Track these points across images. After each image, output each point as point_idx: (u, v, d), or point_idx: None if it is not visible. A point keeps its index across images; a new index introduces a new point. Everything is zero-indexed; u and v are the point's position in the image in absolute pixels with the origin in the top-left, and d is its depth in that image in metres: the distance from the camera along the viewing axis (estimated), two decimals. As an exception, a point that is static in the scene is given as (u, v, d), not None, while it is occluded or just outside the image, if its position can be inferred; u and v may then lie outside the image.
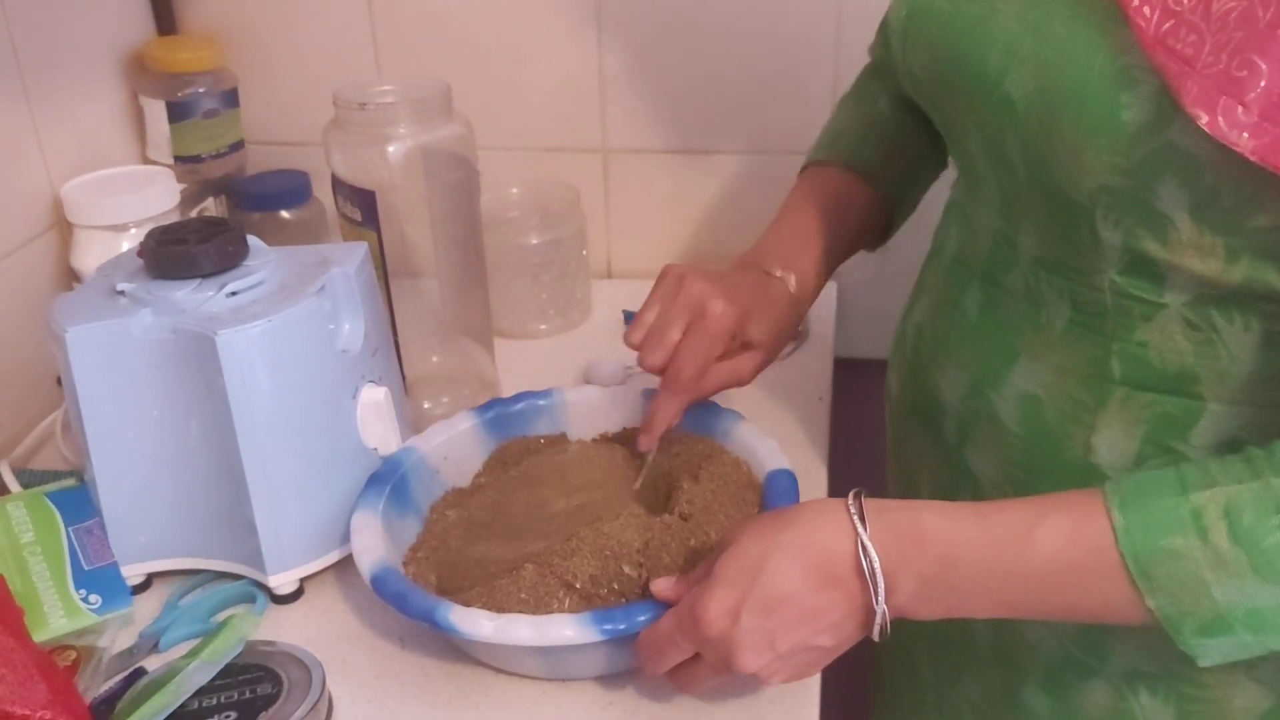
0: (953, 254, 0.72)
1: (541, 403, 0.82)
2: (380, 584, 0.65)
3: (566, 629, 0.61)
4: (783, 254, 0.78)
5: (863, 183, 0.81)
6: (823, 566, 0.56)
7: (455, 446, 0.79)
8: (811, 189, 0.82)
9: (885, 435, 0.85)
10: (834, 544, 0.56)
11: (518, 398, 0.82)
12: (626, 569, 0.65)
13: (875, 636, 0.57)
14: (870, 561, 0.55)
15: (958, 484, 0.71)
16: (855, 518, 0.56)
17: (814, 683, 0.66)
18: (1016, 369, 0.65)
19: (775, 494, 0.70)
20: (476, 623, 0.62)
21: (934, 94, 0.66)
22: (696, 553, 0.66)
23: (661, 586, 0.63)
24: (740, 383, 0.75)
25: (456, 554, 0.70)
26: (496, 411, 0.81)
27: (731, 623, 0.56)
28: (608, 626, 0.61)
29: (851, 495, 0.57)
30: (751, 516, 0.61)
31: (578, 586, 0.64)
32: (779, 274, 0.76)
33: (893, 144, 0.82)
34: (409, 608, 0.64)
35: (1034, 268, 0.63)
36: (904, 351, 0.77)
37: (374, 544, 0.68)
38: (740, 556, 0.57)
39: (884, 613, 0.56)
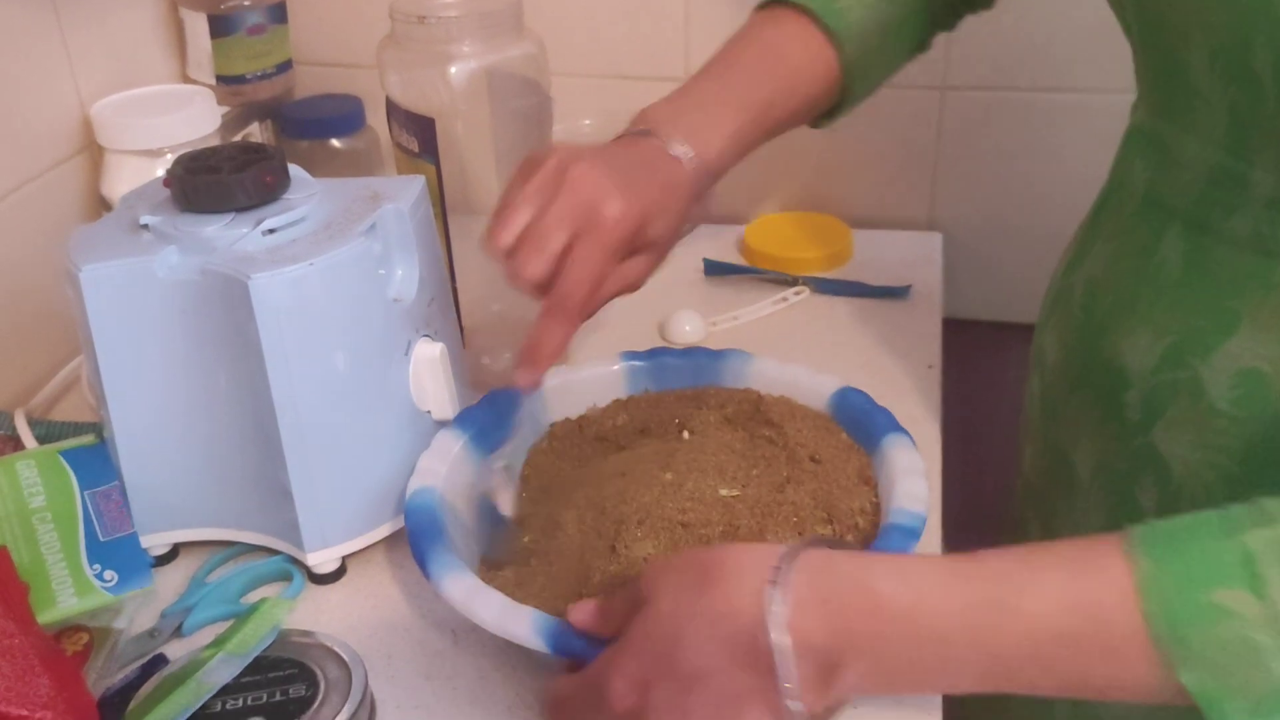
0: (1141, 192, 0.60)
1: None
2: (409, 519, 0.60)
3: (522, 628, 0.54)
4: (689, 122, 0.64)
5: (826, 42, 0.68)
6: (746, 641, 0.44)
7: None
8: (757, 37, 0.69)
9: (1015, 407, 0.74)
10: (757, 615, 0.44)
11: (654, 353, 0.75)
12: None
13: None
14: (774, 650, 0.43)
15: (1137, 468, 0.60)
16: (768, 588, 0.44)
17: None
18: (1236, 337, 0.54)
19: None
20: (455, 584, 0.56)
21: None
22: None
23: (581, 615, 0.52)
24: (631, 289, 0.63)
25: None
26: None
27: (641, 698, 0.46)
28: (563, 644, 0.53)
29: (782, 555, 0.45)
30: (675, 560, 0.49)
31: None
32: (678, 150, 0.62)
33: (883, 18, 0.69)
34: (415, 546, 0.58)
35: (1270, 212, 0.52)
36: (1070, 310, 0.65)
37: (437, 469, 0.63)
38: (654, 621, 0.46)
39: (799, 711, 0.44)
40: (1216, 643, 0.40)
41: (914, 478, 0.61)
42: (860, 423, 0.67)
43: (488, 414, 0.68)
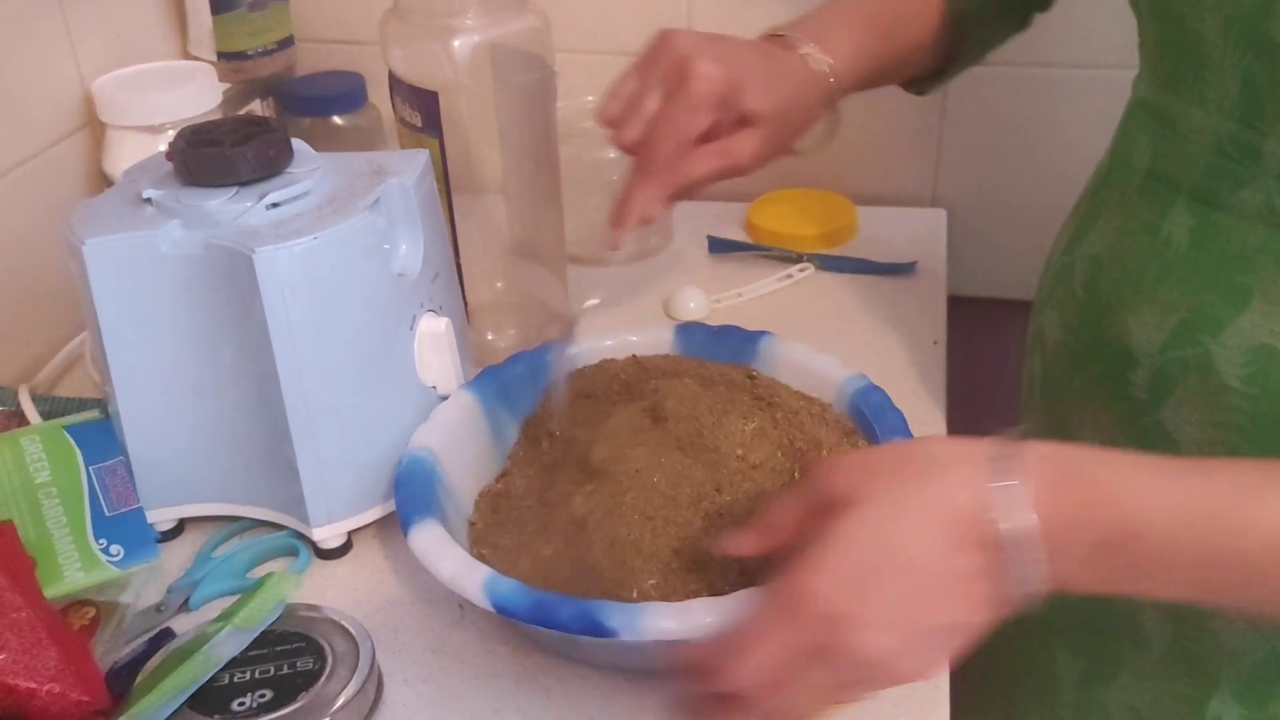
0: (1145, 168, 0.59)
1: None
2: (507, 603, 0.53)
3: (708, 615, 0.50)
4: (813, 29, 0.66)
5: (944, 10, 0.70)
6: (970, 526, 0.43)
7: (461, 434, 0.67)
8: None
9: (1018, 384, 0.73)
10: (983, 503, 0.43)
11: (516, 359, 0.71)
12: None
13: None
14: (1006, 535, 0.42)
15: (1144, 447, 0.58)
16: (1003, 477, 0.42)
17: (943, 683, 0.57)
18: (1248, 313, 0.53)
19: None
20: (658, 617, 0.50)
21: None
22: None
23: (740, 540, 0.48)
24: (737, 168, 0.61)
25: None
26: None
27: (858, 596, 0.42)
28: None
29: (994, 445, 0.44)
30: (866, 460, 0.46)
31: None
32: (802, 48, 0.64)
33: None
34: (562, 620, 0.51)
35: None
36: (1071, 289, 0.65)
37: (458, 554, 0.56)
38: (868, 520, 0.43)
39: (1024, 593, 0.43)
40: None
41: (823, 356, 0.68)
42: (718, 345, 0.71)
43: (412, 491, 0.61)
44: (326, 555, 0.66)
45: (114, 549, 0.62)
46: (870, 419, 0.63)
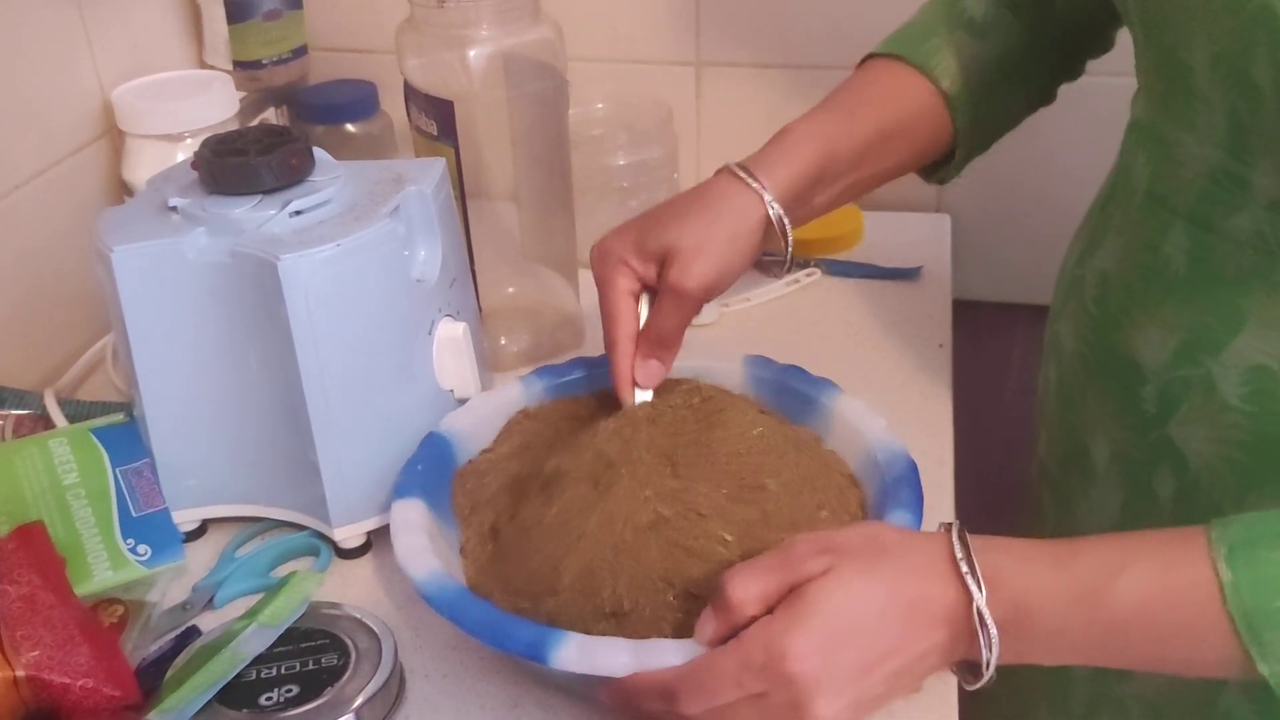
0: (1144, 188, 0.61)
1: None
2: (445, 602, 0.55)
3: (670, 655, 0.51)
4: (765, 156, 0.66)
5: (921, 78, 0.69)
6: (940, 607, 0.49)
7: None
8: (847, 81, 0.71)
9: (1021, 386, 0.75)
10: (940, 590, 0.49)
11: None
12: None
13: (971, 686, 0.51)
14: (987, 630, 0.48)
15: (1154, 459, 0.61)
16: (968, 575, 0.48)
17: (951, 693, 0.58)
18: (1243, 334, 0.55)
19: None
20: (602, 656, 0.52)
21: None
22: None
23: (707, 629, 0.51)
24: (684, 295, 0.62)
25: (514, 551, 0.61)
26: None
27: (825, 661, 0.47)
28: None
29: (957, 542, 0.49)
30: (823, 536, 0.51)
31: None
32: (736, 170, 0.65)
33: (981, 56, 0.70)
34: (500, 637, 0.53)
35: (1272, 214, 0.52)
36: (1083, 302, 0.66)
37: (424, 543, 0.59)
38: (837, 586, 0.48)
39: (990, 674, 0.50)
40: None
41: (873, 418, 0.65)
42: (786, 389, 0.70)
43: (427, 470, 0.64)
44: (346, 555, 0.67)
45: (141, 549, 0.63)
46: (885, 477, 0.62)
